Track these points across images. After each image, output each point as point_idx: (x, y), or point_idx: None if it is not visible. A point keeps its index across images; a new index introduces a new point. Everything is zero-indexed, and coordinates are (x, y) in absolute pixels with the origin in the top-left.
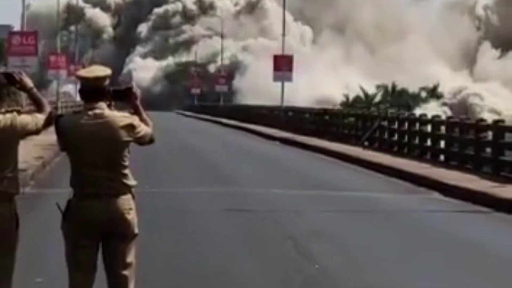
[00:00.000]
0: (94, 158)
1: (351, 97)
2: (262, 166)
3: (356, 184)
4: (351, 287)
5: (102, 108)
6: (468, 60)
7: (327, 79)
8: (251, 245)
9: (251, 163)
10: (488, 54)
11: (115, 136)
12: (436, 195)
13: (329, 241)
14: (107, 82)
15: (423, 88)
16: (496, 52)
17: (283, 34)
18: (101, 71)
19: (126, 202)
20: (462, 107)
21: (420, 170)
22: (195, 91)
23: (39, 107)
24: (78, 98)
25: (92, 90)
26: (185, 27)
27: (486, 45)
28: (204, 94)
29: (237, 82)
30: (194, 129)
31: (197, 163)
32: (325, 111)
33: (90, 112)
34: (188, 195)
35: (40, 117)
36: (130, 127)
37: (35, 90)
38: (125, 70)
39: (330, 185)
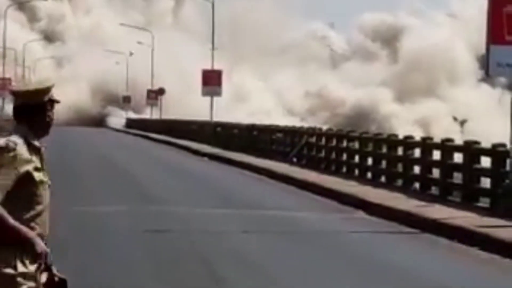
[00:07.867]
0: None
1: None
2: (187, 183)
3: (281, 202)
4: None
5: None
6: None
7: None
8: (162, 268)
9: (177, 180)
10: None
11: None
12: (361, 214)
13: (247, 264)
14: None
15: None
16: None
17: (213, 48)
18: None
19: None
20: None
21: (346, 188)
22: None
23: None
24: None
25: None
26: None
27: None
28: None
29: None
30: (121, 144)
31: (121, 180)
32: (253, 126)
33: None
34: (106, 214)
35: None
36: None
37: None
38: None
39: (254, 204)
